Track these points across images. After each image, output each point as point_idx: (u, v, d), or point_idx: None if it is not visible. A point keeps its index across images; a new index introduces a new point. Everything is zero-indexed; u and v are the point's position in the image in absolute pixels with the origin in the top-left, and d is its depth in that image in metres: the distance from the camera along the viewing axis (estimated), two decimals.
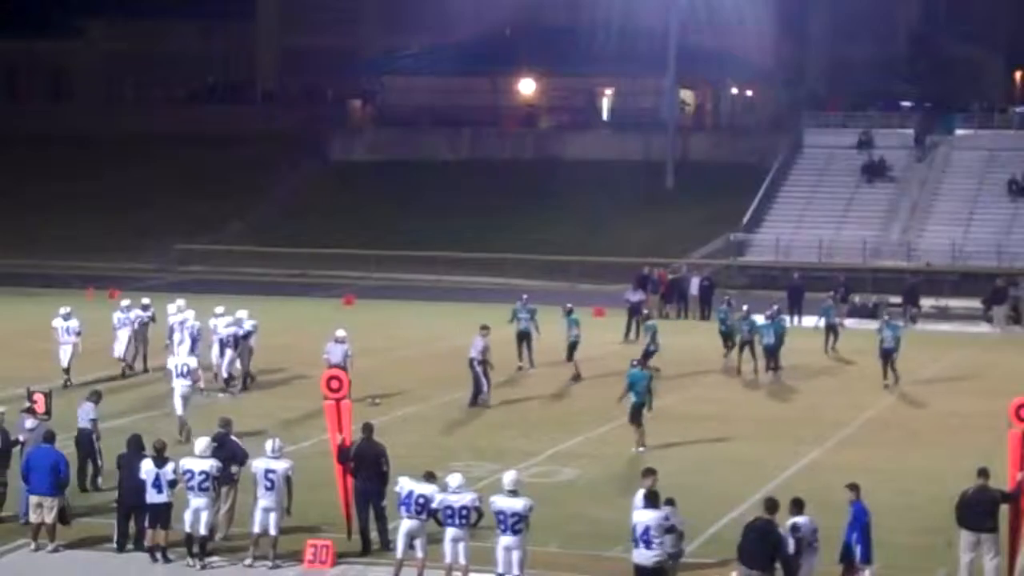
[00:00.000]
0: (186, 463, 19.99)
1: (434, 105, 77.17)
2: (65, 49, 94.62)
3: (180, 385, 28.11)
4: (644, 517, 17.53)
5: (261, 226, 68.95)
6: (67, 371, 33.53)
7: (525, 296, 37.13)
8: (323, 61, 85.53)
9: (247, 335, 33.43)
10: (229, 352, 33.04)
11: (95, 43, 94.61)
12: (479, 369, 31.52)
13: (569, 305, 37.32)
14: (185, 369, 28.40)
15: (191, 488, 19.84)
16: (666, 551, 17.68)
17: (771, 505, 17.58)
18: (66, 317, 34.12)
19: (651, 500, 17.73)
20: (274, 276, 61.31)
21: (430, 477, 19.32)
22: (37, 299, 50.73)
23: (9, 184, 73.68)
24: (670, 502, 18.55)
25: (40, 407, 22.57)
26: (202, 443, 20.37)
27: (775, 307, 37.02)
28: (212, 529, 20.07)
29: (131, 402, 31.53)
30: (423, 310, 49.93)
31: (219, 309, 34.61)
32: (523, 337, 35.92)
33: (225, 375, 33.09)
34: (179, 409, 27.87)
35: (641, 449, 26.98)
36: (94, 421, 23.92)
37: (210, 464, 19.97)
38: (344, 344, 31.36)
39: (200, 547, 19.80)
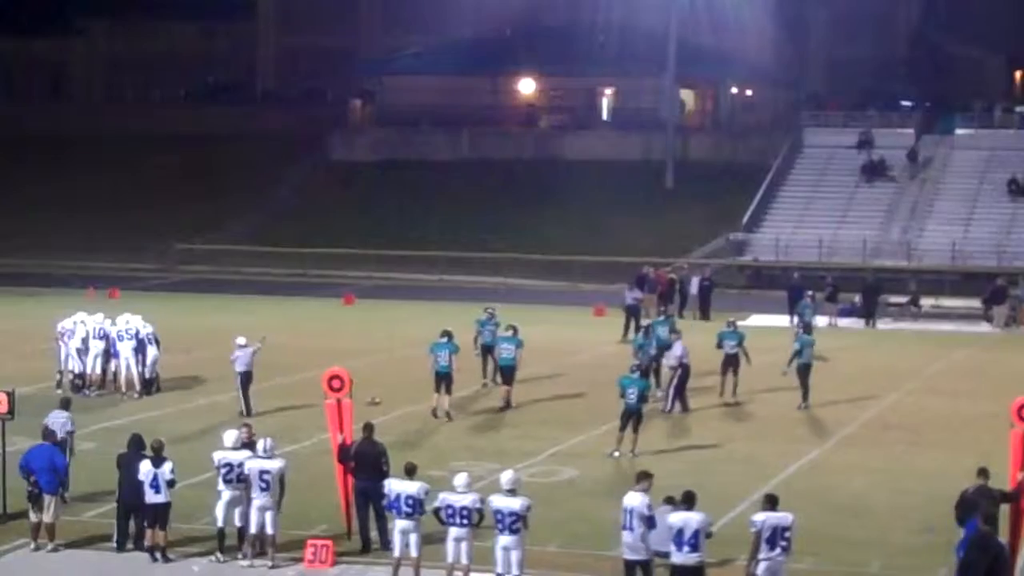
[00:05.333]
0: (223, 456, 20.03)
1: (434, 105, 77.12)
2: (65, 49, 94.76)
3: (96, 346, 32.28)
4: (692, 520, 17.43)
5: (261, 226, 68.96)
6: (68, 377, 32.49)
7: (492, 309, 35.29)
8: (323, 61, 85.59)
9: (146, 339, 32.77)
10: (152, 351, 32.58)
11: (95, 43, 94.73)
12: (677, 374, 31.43)
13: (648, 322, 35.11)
14: (101, 332, 32.32)
15: (229, 481, 19.89)
16: (703, 553, 17.64)
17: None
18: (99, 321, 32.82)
19: (692, 502, 17.68)
20: (274, 276, 61.32)
21: (411, 471, 19.32)
22: (37, 299, 50.78)
23: (9, 184, 73.67)
24: (670, 501, 18.55)
25: (3, 407, 22.44)
26: (232, 435, 20.37)
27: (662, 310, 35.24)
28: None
29: (132, 403, 31.58)
30: (423, 310, 49.90)
31: (99, 316, 33.45)
32: (488, 351, 34.25)
33: (148, 375, 32.64)
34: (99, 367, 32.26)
35: (623, 454, 26.90)
36: (71, 433, 22.90)
37: (247, 455, 20.05)
38: (247, 348, 30.67)
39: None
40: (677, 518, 17.53)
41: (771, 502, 17.72)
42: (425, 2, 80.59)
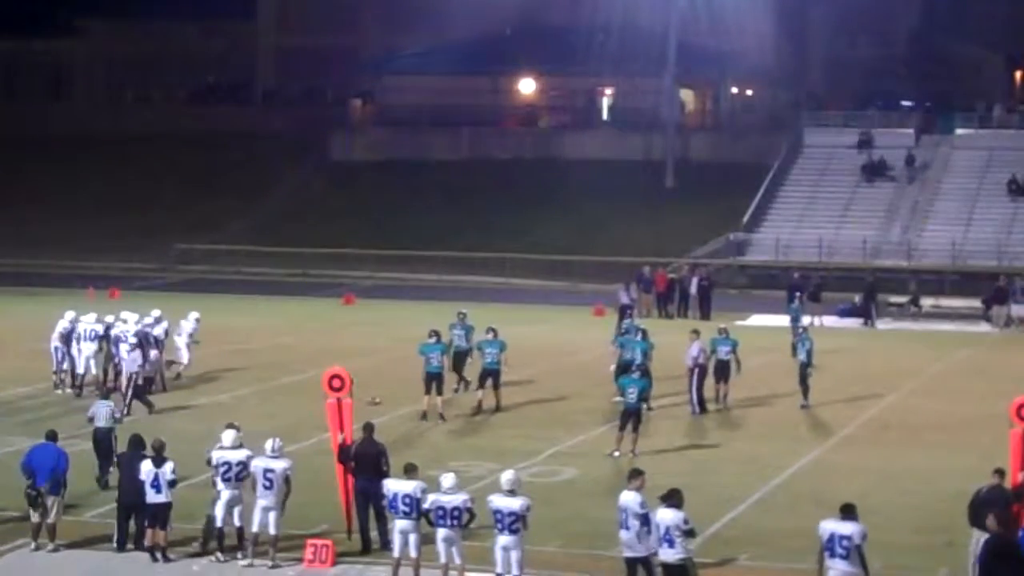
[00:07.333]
0: (221, 455, 20.03)
1: (434, 105, 77.12)
2: (65, 49, 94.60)
3: (93, 347, 32.05)
4: (666, 517, 17.51)
5: (261, 226, 68.97)
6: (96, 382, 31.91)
7: (463, 312, 34.49)
8: (323, 61, 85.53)
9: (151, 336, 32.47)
10: (153, 352, 32.33)
11: (95, 43, 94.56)
12: (694, 378, 31.27)
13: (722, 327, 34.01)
14: (93, 334, 32.07)
15: (227, 480, 19.88)
16: (688, 550, 17.68)
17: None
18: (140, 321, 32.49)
19: (671, 500, 17.68)
20: (274, 276, 61.35)
21: (410, 470, 19.27)
22: (37, 299, 50.75)
23: (8, 184, 73.68)
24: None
25: None
26: (230, 435, 20.35)
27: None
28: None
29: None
30: (423, 310, 49.91)
31: (92, 316, 33.25)
32: (459, 357, 33.29)
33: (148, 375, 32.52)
34: (93, 368, 31.90)
35: (623, 454, 26.80)
36: (118, 421, 23.88)
37: (245, 454, 20.06)
38: (138, 350, 30.55)
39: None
40: (656, 516, 17.65)
41: (843, 511, 17.27)
42: (425, 2, 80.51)
